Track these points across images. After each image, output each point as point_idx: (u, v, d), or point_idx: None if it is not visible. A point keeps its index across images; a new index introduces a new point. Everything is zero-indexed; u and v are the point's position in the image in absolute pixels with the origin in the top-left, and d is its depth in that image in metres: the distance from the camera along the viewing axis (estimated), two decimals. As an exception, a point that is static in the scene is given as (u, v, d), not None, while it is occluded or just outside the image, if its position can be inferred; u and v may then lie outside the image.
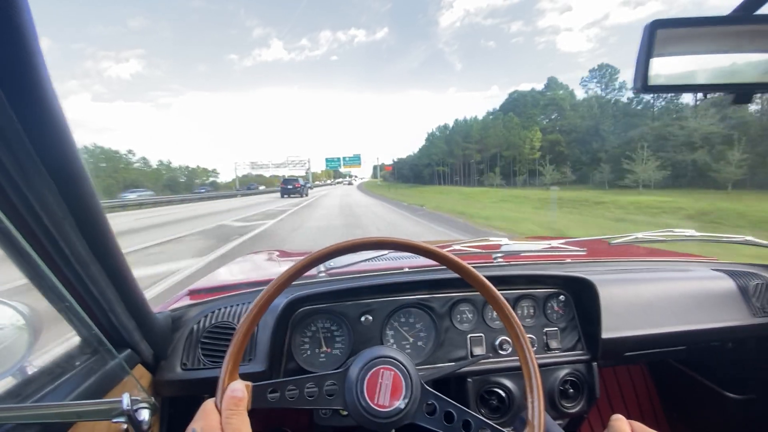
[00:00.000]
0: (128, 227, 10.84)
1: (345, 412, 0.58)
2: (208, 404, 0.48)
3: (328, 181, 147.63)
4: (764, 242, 1.10)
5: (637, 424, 0.53)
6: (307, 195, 30.81)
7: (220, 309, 0.88)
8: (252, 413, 0.50)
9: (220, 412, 0.47)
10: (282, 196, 28.89)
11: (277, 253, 1.90)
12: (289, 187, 29.64)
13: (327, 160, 76.25)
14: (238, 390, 0.49)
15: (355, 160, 74.30)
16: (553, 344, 0.94)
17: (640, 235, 1.21)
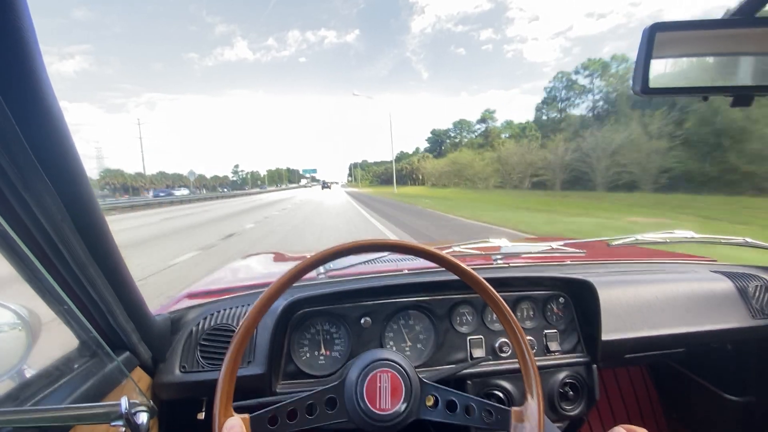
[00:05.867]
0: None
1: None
2: None
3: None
4: (764, 244, 1.10)
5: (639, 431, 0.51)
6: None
7: (219, 311, 0.88)
8: None
9: None
10: (322, 189, 57.99)
11: (277, 255, 1.89)
12: (325, 183, 69.29)
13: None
14: (235, 427, 0.47)
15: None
16: (553, 346, 0.93)
17: (639, 236, 1.21)
